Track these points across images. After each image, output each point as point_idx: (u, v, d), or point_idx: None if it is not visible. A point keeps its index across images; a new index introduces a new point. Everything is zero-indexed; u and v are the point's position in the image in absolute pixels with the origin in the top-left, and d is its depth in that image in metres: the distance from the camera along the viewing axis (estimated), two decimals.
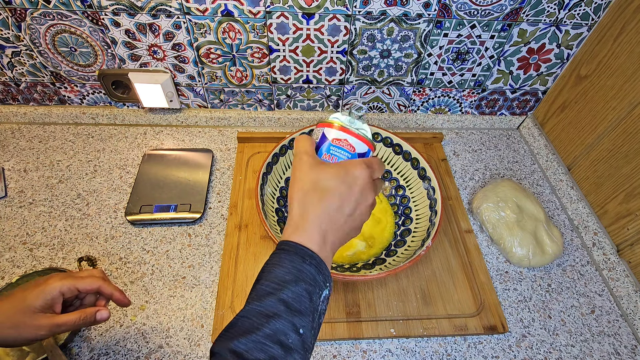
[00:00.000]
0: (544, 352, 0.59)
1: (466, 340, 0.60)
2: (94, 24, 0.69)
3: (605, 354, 0.60)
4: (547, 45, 0.76)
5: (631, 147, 0.65)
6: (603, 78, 0.71)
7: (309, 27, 0.70)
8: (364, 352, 0.58)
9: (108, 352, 0.56)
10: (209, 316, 0.60)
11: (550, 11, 0.70)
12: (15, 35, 0.71)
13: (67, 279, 0.45)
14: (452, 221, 0.73)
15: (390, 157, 0.74)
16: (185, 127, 0.89)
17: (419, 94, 0.85)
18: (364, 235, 0.68)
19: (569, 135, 0.80)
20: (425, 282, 0.65)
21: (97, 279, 0.47)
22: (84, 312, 0.45)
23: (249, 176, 0.78)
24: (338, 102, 0.86)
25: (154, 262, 0.66)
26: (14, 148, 0.81)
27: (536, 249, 0.67)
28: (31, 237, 0.67)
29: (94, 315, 0.46)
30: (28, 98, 0.83)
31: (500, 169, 0.85)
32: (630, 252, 0.66)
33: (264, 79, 0.80)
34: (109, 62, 0.76)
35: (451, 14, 0.69)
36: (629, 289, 0.64)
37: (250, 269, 0.64)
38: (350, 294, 0.62)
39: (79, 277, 0.46)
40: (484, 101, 0.88)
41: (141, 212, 0.70)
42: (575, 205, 0.76)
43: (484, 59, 0.78)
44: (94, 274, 0.47)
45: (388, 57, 0.76)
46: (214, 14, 0.68)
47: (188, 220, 0.70)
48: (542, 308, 0.64)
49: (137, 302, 0.61)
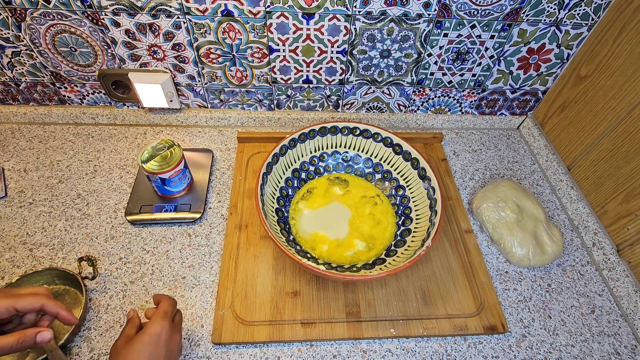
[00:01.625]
0: (544, 352, 0.59)
1: (466, 340, 0.60)
2: (94, 24, 0.69)
3: (605, 354, 0.60)
4: (547, 45, 0.76)
5: (631, 147, 0.65)
6: (603, 78, 0.71)
7: (309, 27, 0.70)
8: (364, 352, 0.58)
9: (108, 351, 0.56)
10: (209, 316, 0.60)
11: (550, 11, 0.70)
12: (15, 35, 0.71)
13: (3, 299, 0.41)
14: (452, 221, 0.73)
15: (390, 157, 0.74)
16: (185, 127, 0.89)
17: (419, 94, 0.85)
18: (364, 236, 0.68)
19: (569, 135, 0.80)
20: (425, 282, 0.65)
21: (39, 297, 0.43)
22: (23, 334, 0.41)
23: (249, 176, 0.78)
24: (338, 102, 0.86)
25: (154, 262, 0.66)
26: (14, 148, 0.81)
27: (536, 249, 0.67)
28: (31, 237, 0.67)
29: (34, 337, 0.42)
30: (28, 98, 0.83)
31: (500, 169, 0.85)
32: (630, 252, 0.66)
33: (264, 79, 0.80)
34: (109, 62, 0.76)
35: (451, 14, 0.69)
36: (629, 289, 0.64)
37: (250, 269, 0.64)
38: (350, 294, 0.62)
39: (18, 295, 0.42)
40: (484, 101, 0.88)
41: (141, 212, 0.70)
42: (575, 205, 0.76)
43: (484, 59, 0.78)
44: (37, 291, 0.44)
45: (388, 57, 0.76)
46: (214, 14, 0.68)
47: (188, 220, 0.70)
48: (542, 308, 0.64)
49: (137, 302, 0.61)
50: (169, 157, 0.68)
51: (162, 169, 0.66)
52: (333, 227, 0.69)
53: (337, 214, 0.71)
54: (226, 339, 0.57)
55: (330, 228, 0.69)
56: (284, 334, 0.58)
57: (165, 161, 0.67)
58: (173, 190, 0.71)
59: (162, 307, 0.49)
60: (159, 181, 0.68)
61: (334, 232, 0.68)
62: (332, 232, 0.68)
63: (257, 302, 0.61)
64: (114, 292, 0.62)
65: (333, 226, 0.69)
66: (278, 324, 0.59)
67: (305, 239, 0.67)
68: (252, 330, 0.58)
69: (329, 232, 0.68)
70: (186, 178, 0.72)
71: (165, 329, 0.46)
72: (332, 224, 0.69)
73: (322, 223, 0.69)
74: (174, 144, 0.69)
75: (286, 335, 0.58)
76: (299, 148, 0.73)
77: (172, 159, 0.67)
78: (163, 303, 0.50)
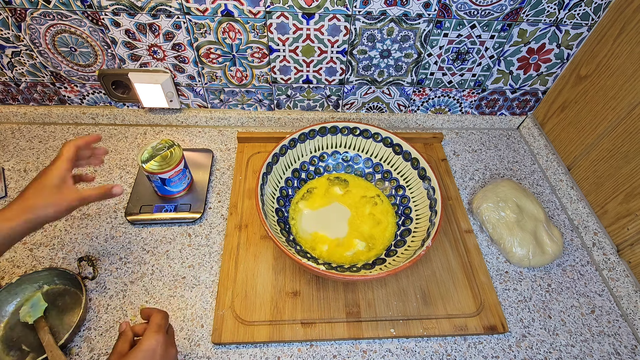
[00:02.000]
0: (544, 352, 0.59)
1: (466, 340, 0.60)
2: (94, 24, 0.69)
3: (605, 354, 0.60)
4: (547, 45, 0.76)
5: (631, 147, 0.65)
6: (603, 78, 0.71)
7: (309, 27, 0.70)
8: (363, 352, 0.58)
9: (108, 352, 0.56)
10: (209, 316, 0.60)
11: (550, 11, 0.70)
12: (15, 35, 0.71)
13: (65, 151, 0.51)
14: (452, 221, 0.73)
15: (390, 157, 0.74)
16: (185, 127, 0.89)
17: (419, 94, 0.85)
18: (363, 236, 0.68)
19: (569, 135, 0.80)
20: (425, 282, 0.65)
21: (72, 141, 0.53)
22: (102, 187, 0.53)
23: (249, 176, 0.78)
24: (338, 102, 0.86)
25: (154, 262, 0.66)
26: (14, 148, 0.81)
27: (536, 249, 0.67)
28: (31, 237, 0.67)
29: (111, 190, 0.54)
30: (28, 98, 0.83)
31: (500, 169, 0.85)
32: (630, 252, 0.66)
33: (264, 79, 0.80)
34: (109, 62, 0.76)
35: (451, 14, 0.69)
36: (629, 289, 0.64)
37: (250, 269, 0.64)
38: (350, 294, 0.62)
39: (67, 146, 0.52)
40: (484, 101, 0.88)
41: (141, 212, 0.70)
42: (575, 205, 0.76)
43: (484, 59, 0.78)
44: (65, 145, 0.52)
45: (388, 57, 0.76)
46: (214, 14, 0.68)
47: (188, 220, 0.70)
48: (542, 308, 0.64)
49: (137, 302, 0.61)
50: (169, 157, 0.68)
51: (162, 169, 0.66)
52: (333, 227, 0.69)
53: (337, 214, 0.71)
54: (226, 339, 0.57)
55: (330, 228, 0.69)
56: (284, 334, 0.58)
57: (165, 161, 0.67)
58: (173, 190, 0.71)
59: (154, 321, 0.47)
60: (159, 181, 0.68)
61: (334, 232, 0.68)
62: (332, 232, 0.68)
63: (257, 302, 0.61)
64: (113, 292, 0.62)
65: (333, 226, 0.69)
66: (278, 324, 0.59)
67: (305, 239, 0.67)
68: (252, 330, 0.58)
69: (329, 232, 0.68)
70: (186, 178, 0.72)
71: (160, 343, 0.45)
72: (332, 224, 0.69)
73: (322, 223, 0.69)
74: (174, 144, 0.69)
75: (286, 335, 0.58)
76: (299, 148, 0.73)
77: (172, 159, 0.67)
78: (155, 316, 0.47)
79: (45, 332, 0.54)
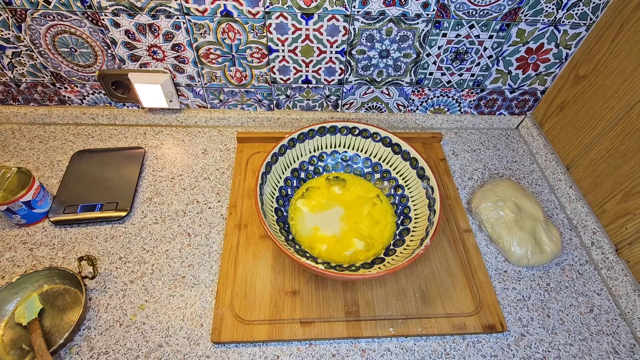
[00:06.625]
0: (542, 351, 0.59)
1: (465, 339, 0.60)
2: (94, 25, 0.69)
3: (604, 353, 0.60)
4: (546, 45, 0.76)
5: (629, 147, 0.65)
6: (601, 78, 0.71)
7: (308, 28, 0.71)
8: (362, 351, 0.58)
9: (108, 351, 0.56)
10: (208, 315, 0.60)
11: (548, 11, 0.70)
12: (16, 35, 0.71)
13: None
14: (451, 221, 0.74)
15: (389, 157, 0.74)
16: (185, 127, 0.89)
17: (418, 94, 0.85)
18: (362, 235, 0.68)
19: (568, 135, 0.80)
20: (424, 282, 0.65)
21: None
22: None
23: (248, 176, 0.78)
24: (337, 102, 0.86)
25: (153, 261, 0.66)
26: (15, 148, 0.81)
27: (535, 248, 0.67)
28: (31, 236, 0.68)
29: None
30: (28, 98, 0.83)
31: (499, 168, 0.85)
32: (628, 251, 0.66)
33: (264, 79, 0.81)
34: (109, 62, 0.76)
35: (450, 14, 0.69)
36: (628, 288, 0.64)
37: (250, 268, 0.65)
38: (349, 293, 0.63)
39: None
40: (483, 101, 0.88)
41: (65, 213, 0.69)
42: (574, 204, 0.76)
43: (482, 58, 0.78)
44: None
45: (387, 57, 0.77)
46: (213, 15, 0.68)
47: (114, 219, 0.70)
48: (541, 307, 0.64)
49: (137, 302, 0.61)
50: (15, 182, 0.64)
51: (16, 195, 0.62)
52: (332, 227, 0.69)
53: (336, 214, 0.71)
54: (225, 338, 0.57)
55: (330, 227, 0.69)
56: (283, 333, 0.58)
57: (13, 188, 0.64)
58: (44, 209, 0.68)
59: None
60: (24, 208, 0.64)
61: (333, 232, 0.68)
62: (331, 232, 0.68)
63: (256, 301, 0.61)
64: (113, 291, 0.62)
65: (332, 225, 0.69)
66: (277, 323, 0.59)
67: (304, 238, 0.67)
68: (252, 330, 0.58)
69: (328, 231, 0.68)
70: (48, 194, 0.70)
71: None
72: (331, 224, 0.69)
73: (321, 222, 0.69)
74: (11, 169, 0.66)
75: (285, 334, 0.58)
76: (298, 148, 0.73)
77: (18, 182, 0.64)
78: None
79: (37, 335, 0.54)
